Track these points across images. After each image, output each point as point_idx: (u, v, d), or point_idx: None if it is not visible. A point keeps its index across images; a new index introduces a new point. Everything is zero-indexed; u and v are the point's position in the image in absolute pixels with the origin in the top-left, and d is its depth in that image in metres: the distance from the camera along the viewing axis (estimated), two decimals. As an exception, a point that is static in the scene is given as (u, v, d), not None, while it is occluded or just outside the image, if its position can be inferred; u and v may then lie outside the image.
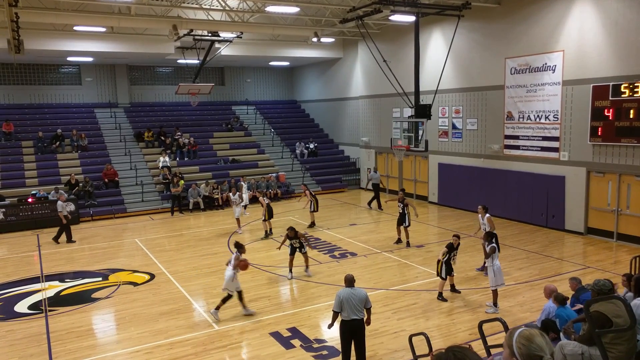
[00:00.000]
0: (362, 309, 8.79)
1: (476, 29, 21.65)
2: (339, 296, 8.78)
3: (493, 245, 11.84)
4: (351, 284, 8.95)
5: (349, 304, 8.68)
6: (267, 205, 19.58)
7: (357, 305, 8.71)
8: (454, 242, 12.59)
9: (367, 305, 8.90)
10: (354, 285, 8.99)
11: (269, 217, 19.54)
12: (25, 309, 12.91)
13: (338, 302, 8.76)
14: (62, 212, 19.50)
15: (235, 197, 20.68)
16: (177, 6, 21.06)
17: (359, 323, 8.79)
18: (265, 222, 19.60)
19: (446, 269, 12.46)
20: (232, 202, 20.86)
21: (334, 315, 8.98)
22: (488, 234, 12.34)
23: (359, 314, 8.74)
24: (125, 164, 27.29)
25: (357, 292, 8.84)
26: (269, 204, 19.95)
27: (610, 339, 5.98)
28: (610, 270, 14.22)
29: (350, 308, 8.68)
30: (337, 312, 8.85)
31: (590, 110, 17.46)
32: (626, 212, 17.12)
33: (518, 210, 20.51)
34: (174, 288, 14.03)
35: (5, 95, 29.93)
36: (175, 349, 10.26)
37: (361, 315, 8.79)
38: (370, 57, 23.42)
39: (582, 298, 8.72)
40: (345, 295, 8.75)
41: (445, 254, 12.44)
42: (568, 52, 18.22)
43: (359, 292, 8.85)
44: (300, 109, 37.73)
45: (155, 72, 34.21)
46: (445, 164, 24.16)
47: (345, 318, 8.75)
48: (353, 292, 8.81)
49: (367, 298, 8.92)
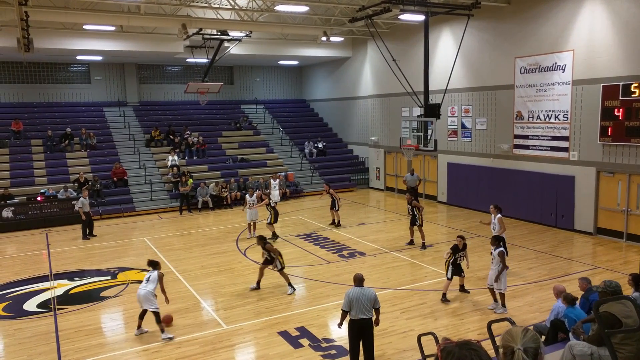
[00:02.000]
0: (370, 308, 8.79)
1: (486, 28, 21.56)
2: (348, 295, 8.79)
3: (501, 249, 11.59)
4: (360, 284, 8.96)
5: (358, 303, 8.69)
6: (273, 208, 19.09)
7: (366, 305, 8.72)
8: (458, 244, 12.48)
9: (375, 306, 8.90)
10: (363, 284, 8.99)
11: (274, 221, 19.04)
12: (34, 307, 12.98)
13: (347, 301, 8.77)
14: (82, 208, 19.83)
15: (252, 198, 19.57)
16: (186, 5, 21.10)
17: (368, 322, 8.80)
18: (270, 225, 19.04)
19: (452, 270, 12.39)
20: (249, 204, 19.46)
21: (343, 314, 8.99)
22: (495, 238, 12.01)
23: (367, 313, 8.74)
24: (134, 163, 27.40)
25: (366, 291, 8.84)
26: (275, 206, 19.48)
27: (619, 340, 5.96)
28: (620, 270, 14.12)
29: (359, 307, 8.69)
30: (346, 311, 8.86)
31: (600, 110, 17.34)
32: (636, 212, 17.00)
33: (527, 210, 20.41)
34: (183, 287, 14.06)
35: (14, 94, 30.11)
36: (183, 348, 10.28)
37: (370, 315, 8.79)
38: (380, 57, 23.38)
39: (591, 298, 8.67)
40: (354, 294, 8.76)
41: (450, 255, 12.38)
42: (578, 51, 18.11)
43: (368, 292, 8.85)
44: (309, 108, 37.73)
45: (164, 71, 34.31)
46: (454, 164, 24.08)
47: (353, 317, 8.76)
48: (362, 291, 8.82)
49: (376, 298, 8.92)
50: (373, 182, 30.31)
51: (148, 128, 30.14)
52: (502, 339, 2.99)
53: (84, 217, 19.89)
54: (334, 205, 20.74)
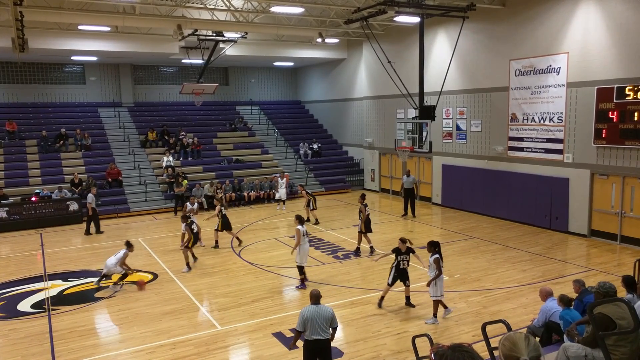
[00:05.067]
0: (327, 328, 8.07)
1: (481, 30, 21.62)
2: (303, 315, 8.05)
3: (437, 256, 11.14)
4: (317, 301, 8.27)
5: (313, 323, 7.98)
6: (223, 216, 17.96)
7: (322, 325, 8.01)
8: (400, 247, 11.97)
9: (333, 325, 8.16)
10: (319, 302, 8.30)
11: (222, 228, 17.98)
12: (28, 307, 12.93)
13: (301, 321, 8.03)
14: (91, 203, 20.52)
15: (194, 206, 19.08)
16: (181, 6, 21.08)
17: (324, 343, 8.07)
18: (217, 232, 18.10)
19: (394, 276, 11.95)
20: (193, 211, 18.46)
21: (296, 334, 8.29)
22: (431, 244, 11.36)
23: (323, 334, 8.01)
24: (129, 164, 27.34)
25: (322, 310, 8.11)
26: (226, 214, 18.21)
27: (613, 341, 5.98)
28: (614, 272, 14.16)
29: (314, 327, 7.98)
30: (300, 331, 8.12)
31: (595, 112, 17.41)
32: (630, 214, 17.07)
33: (522, 211, 20.46)
34: (177, 288, 14.04)
35: (9, 94, 30.00)
36: (177, 349, 10.26)
37: (326, 335, 8.05)
38: (375, 58, 23.41)
39: (585, 300, 8.69)
40: (309, 313, 8.02)
41: (395, 259, 12.03)
42: (572, 54, 18.18)
43: (325, 310, 8.12)
44: (304, 109, 37.74)
45: (159, 72, 34.27)
46: (449, 165, 24.12)
47: (307, 337, 8.05)
48: (318, 310, 8.09)
49: (334, 317, 8.18)
50: (368, 183, 30.34)
51: (143, 129, 30.08)
52: (504, 347, 2.98)
53: (91, 213, 20.53)
54: (309, 204, 21.11)
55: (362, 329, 10.96)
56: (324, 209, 24.28)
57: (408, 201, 22.80)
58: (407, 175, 23.09)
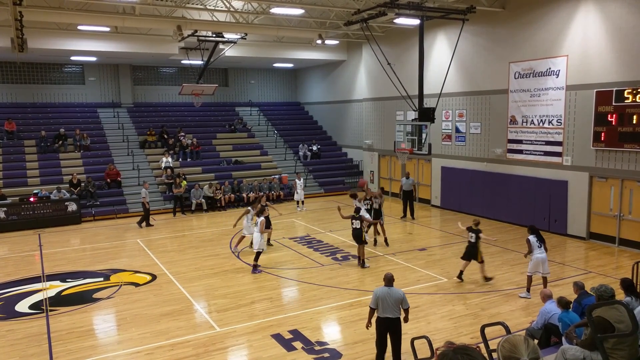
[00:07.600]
0: (397, 308, 8.98)
1: (481, 33, 21.64)
2: (376, 294, 9.04)
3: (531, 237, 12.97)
4: (390, 283, 9.13)
5: (384, 302, 8.93)
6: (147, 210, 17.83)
7: (393, 305, 8.93)
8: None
9: (404, 306, 9.08)
10: (392, 284, 9.15)
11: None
12: (26, 308, 12.91)
13: (374, 299, 9.04)
14: (145, 198, 21.69)
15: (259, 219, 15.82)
16: (181, 7, 21.09)
17: (393, 321, 8.99)
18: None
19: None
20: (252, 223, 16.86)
21: (370, 311, 9.16)
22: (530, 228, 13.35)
23: (393, 312, 8.95)
24: (128, 164, 27.31)
25: (393, 292, 9.02)
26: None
27: (612, 344, 5.98)
28: (612, 275, 14.17)
29: (385, 306, 8.94)
30: (373, 308, 9.08)
31: (594, 115, 17.42)
32: (628, 217, 17.08)
33: (520, 214, 20.46)
34: (176, 289, 14.02)
35: (8, 94, 29.96)
36: (176, 350, 10.25)
37: (396, 314, 8.98)
38: (375, 60, 23.43)
39: (584, 303, 8.70)
40: (381, 293, 8.99)
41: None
42: (572, 57, 18.20)
43: (395, 293, 9.01)
44: (303, 110, 37.74)
45: (158, 73, 34.24)
46: (448, 168, 24.13)
47: (380, 315, 9.01)
48: (389, 291, 9.01)
49: (404, 299, 9.06)
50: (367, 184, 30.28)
51: (142, 129, 30.06)
52: (503, 349, 2.99)
53: (147, 206, 21.75)
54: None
55: (361, 330, 10.94)
56: (323, 210, 24.27)
57: (407, 203, 22.82)
58: (407, 177, 23.11)
